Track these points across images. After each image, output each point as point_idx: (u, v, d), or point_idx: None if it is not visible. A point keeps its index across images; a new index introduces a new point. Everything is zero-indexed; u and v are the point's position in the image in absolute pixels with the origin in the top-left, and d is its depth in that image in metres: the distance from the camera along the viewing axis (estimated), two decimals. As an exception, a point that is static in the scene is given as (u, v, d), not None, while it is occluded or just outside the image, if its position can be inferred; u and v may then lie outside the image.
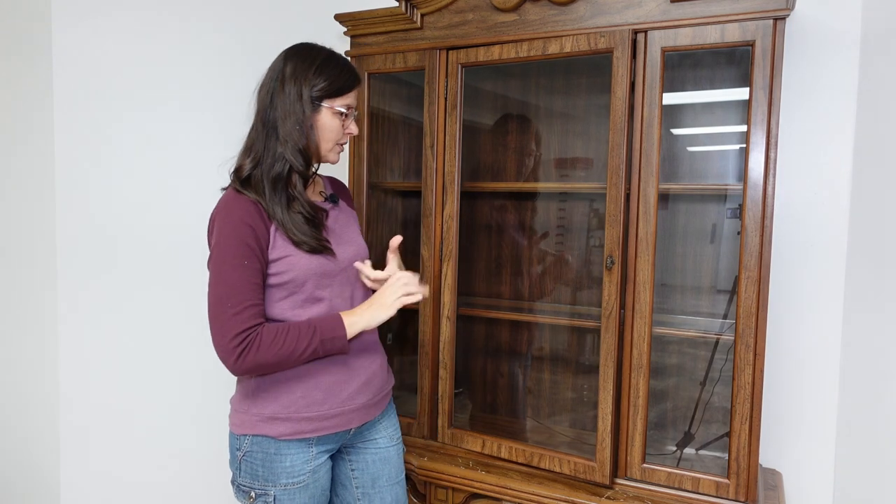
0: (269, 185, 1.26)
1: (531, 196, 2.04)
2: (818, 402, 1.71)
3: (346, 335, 1.27)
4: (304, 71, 1.29)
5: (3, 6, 1.52)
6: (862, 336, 1.60)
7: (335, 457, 1.42)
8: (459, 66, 1.67)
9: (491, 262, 2.10)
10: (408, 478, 1.74)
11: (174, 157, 1.74)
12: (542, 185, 2.05)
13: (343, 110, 1.32)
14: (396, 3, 1.72)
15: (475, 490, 1.64)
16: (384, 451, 1.45)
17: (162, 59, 1.69)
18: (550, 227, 2.01)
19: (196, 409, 1.82)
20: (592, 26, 1.53)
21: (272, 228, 1.25)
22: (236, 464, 1.31)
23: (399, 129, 2.06)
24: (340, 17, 1.81)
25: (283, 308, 1.28)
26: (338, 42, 1.56)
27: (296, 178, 1.30)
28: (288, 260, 1.25)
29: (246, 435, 1.29)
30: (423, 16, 1.72)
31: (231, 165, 1.32)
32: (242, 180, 1.28)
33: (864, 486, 1.57)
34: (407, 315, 2.13)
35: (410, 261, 1.64)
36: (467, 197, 1.85)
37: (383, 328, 2.09)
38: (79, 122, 1.52)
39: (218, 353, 1.19)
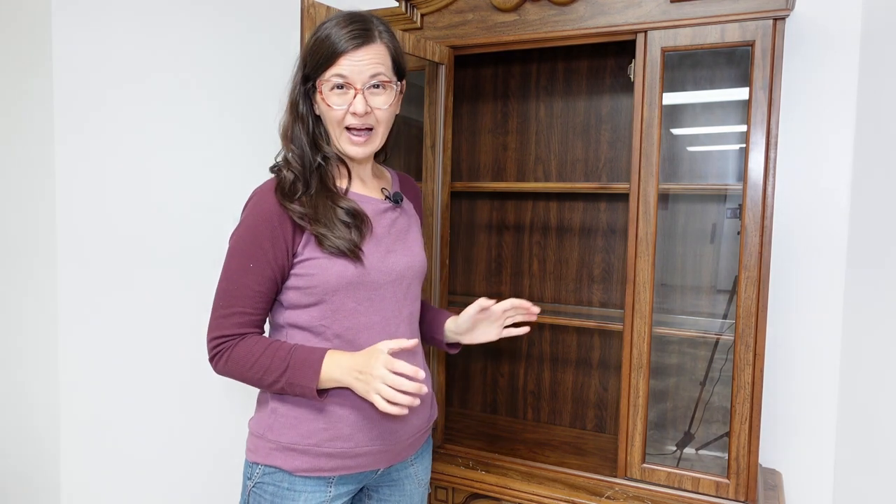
0: (302, 178, 1.12)
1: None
2: (818, 402, 1.71)
3: (315, 387, 1.06)
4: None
5: (3, 6, 1.52)
6: (862, 336, 1.60)
7: (353, 498, 1.25)
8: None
9: (490, 261, 2.10)
10: (408, 478, 1.74)
11: (178, 157, 1.74)
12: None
13: (336, 81, 1.09)
14: (396, 4, 1.72)
15: (475, 490, 1.64)
16: (408, 497, 1.26)
17: (166, 58, 1.69)
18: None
19: (199, 411, 1.82)
20: (592, 26, 1.53)
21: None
22: (245, 495, 1.16)
23: (399, 129, 2.05)
24: (340, 17, 1.81)
25: (313, 316, 1.12)
26: (338, 42, 1.55)
27: (332, 171, 1.16)
28: (317, 262, 1.10)
29: (258, 464, 1.14)
30: (422, 16, 1.72)
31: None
32: (281, 167, 1.16)
33: (864, 486, 1.57)
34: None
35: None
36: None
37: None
38: (80, 124, 1.52)
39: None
